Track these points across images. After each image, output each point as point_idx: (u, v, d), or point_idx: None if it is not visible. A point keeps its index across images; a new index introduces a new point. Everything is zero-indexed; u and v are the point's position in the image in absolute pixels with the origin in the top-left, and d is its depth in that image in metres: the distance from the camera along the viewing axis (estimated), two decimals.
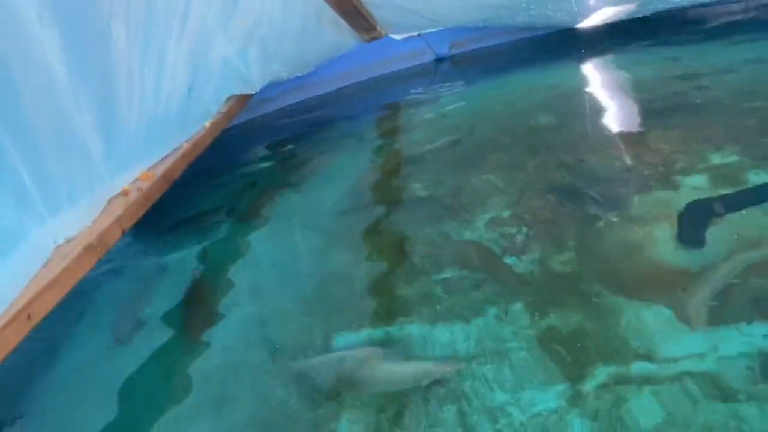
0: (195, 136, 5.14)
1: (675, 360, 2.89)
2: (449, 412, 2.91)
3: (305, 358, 3.54)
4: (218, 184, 6.37)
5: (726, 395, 2.65)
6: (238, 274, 4.61)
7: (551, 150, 5.20)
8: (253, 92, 6.39)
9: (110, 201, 3.97)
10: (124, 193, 4.12)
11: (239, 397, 3.38)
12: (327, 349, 3.53)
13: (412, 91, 8.22)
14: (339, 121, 7.73)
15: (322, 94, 9.06)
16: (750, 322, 3.01)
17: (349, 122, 7.63)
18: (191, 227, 5.54)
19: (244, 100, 6.28)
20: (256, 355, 3.67)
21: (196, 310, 4.26)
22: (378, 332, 3.55)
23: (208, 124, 5.43)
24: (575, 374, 2.94)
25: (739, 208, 3.83)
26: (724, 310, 3.12)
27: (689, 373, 2.79)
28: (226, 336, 3.92)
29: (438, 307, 3.65)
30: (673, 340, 3.01)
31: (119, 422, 3.42)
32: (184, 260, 4.97)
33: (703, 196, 4.02)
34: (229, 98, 6.00)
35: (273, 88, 7.30)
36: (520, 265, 3.82)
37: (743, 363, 2.78)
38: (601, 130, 5.42)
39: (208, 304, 4.27)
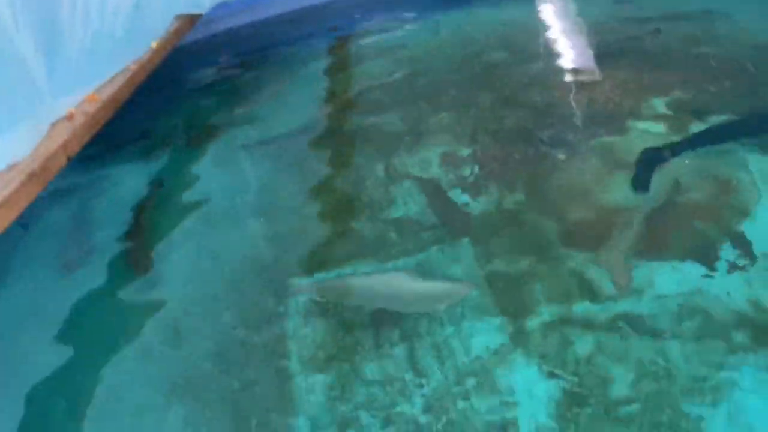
0: (142, 58, 4.89)
1: (614, 299, 3.13)
2: (400, 350, 3.08)
3: (256, 291, 3.61)
4: (166, 109, 6.15)
5: (655, 333, 2.91)
6: (186, 202, 4.55)
7: (504, 88, 5.24)
8: (202, 12, 6.08)
9: (54, 126, 3.79)
10: (69, 117, 3.93)
11: (193, 331, 3.43)
12: (283, 285, 3.60)
13: (365, 19, 8.01)
14: (290, 46, 7.48)
15: (272, 16, 8.71)
16: (683, 260, 3.27)
17: (300, 47, 7.38)
18: (138, 152, 5.37)
19: (192, 20, 5.97)
20: (208, 287, 3.71)
21: (143, 239, 4.21)
22: (330, 275, 3.62)
23: (155, 44, 5.16)
24: (520, 313, 3.14)
25: (684, 154, 4.03)
26: (662, 250, 3.36)
27: (626, 312, 3.04)
28: (176, 268, 3.92)
29: (388, 246, 3.74)
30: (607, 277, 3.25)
31: (67, 359, 3.40)
32: (130, 186, 4.85)
33: (650, 140, 4.18)
34: (177, 17, 5.69)
35: (222, 7, 6.96)
36: (470, 204, 3.94)
37: (674, 302, 3.05)
38: (554, 70, 5.48)
39: (155, 233, 4.23)
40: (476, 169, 4.23)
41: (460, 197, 3.99)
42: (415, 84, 5.66)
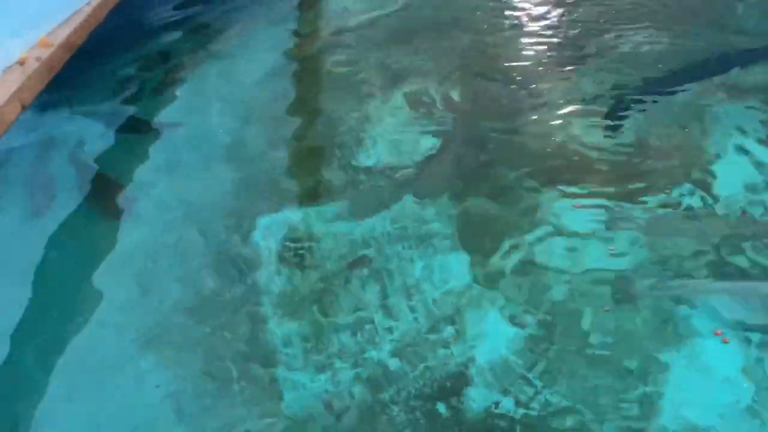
0: None
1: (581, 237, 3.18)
2: (372, 291, 3.10)
3: (225, 235, 3.58)
4: (126, 54, 5.88)
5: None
6: (154, 148, 4.42)
7: (482, 34, 5.11)
8: None
9: (6, 72, 3.63)
10: (21, 62, 3.76)
11: (163, 277, 3.40)
12: (249, 229, 3.57)
13: None
14: None
15: None
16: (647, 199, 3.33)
17: None
18: (102, 99, 5.17)
19: None
20: (177, 232, 3.66)
21: (110, 185, 4.11)
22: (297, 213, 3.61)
23: None
24: (490, 253, 3.19)
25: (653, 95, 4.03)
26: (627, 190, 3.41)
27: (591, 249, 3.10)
28: (144, 214, 3.84)
29: (360, 191, 3.72)
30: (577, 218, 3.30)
31: (36, 308, 3.34)
32: (95, 133, 4.69)
33: (618, 81, 4.17)
34: None
35: None
36: (441, 147, 3.92)
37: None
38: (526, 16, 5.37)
39: (123, 180, 4.13)
40: (448, 112, 4.19)
41: (431, 141, 3.95)
42: (391, 24, 5.44)
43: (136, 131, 4.65)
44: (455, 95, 4.37)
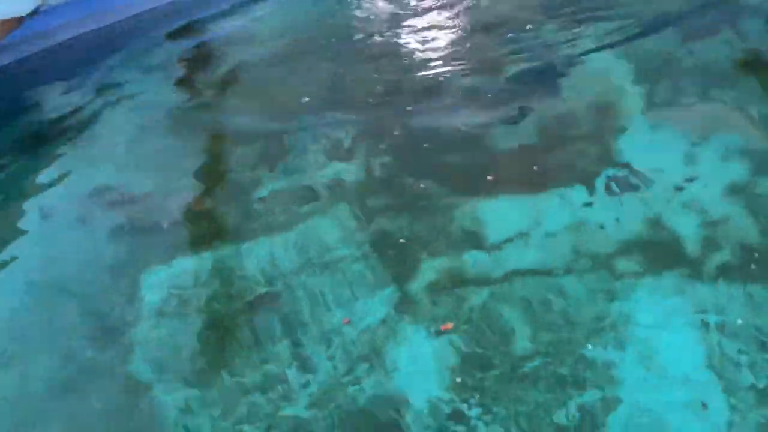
0: None
1: (500, 246, 3.00)
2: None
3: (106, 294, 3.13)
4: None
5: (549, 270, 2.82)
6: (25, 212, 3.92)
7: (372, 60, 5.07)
8: (23, 14, 5.38)
9: None
10: None
11: (32, 351, 2.89)
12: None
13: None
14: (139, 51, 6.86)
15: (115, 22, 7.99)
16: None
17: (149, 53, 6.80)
18: None
19: (9, 24, 5.27)
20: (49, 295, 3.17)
21: None
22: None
23: None
24: (407, 277, 2.94)
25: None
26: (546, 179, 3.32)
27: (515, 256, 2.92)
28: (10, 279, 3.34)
29: (260, 221, 3.42)
30: (499, 224, 3.13)
31: None
32: None
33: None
34: None
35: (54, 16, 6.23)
36: (345, 169, 3.73)
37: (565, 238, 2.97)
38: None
39: None
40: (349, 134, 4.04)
41: (335, 167, 3.76)
42: (281, 55, 5.34)
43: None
44: (355, 114, 4.24)
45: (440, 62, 4.68)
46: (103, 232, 3.54)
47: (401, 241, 3.13)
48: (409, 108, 4.18)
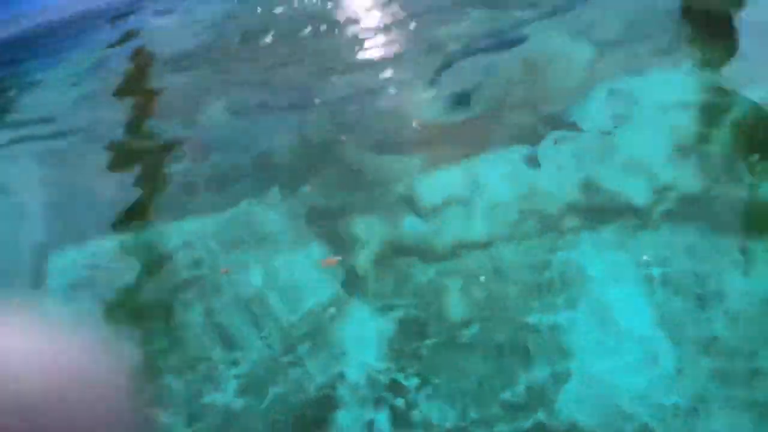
0: None
1: (436, 210, 2.80)
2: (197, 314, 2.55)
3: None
4: None
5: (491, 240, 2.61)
6: None
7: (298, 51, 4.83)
8: None
9: None
10: None
11: None
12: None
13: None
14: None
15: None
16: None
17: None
18: None
19: None
20: None
21: None
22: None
23: None
24: (348, 251, 2.72)
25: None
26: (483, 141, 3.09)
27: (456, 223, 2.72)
28: None
29: (191, 200, 3.21)
30: (435, 188, 2.92)
31: None
32: None
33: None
34: None
35: None
36: (278, 143, 3.50)
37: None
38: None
39: None
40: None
41: (272, 140, 3.54)
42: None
43: None
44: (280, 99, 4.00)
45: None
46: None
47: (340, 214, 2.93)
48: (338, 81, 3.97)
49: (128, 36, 5.48)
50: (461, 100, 3.41)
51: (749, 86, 2.82)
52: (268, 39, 4.71)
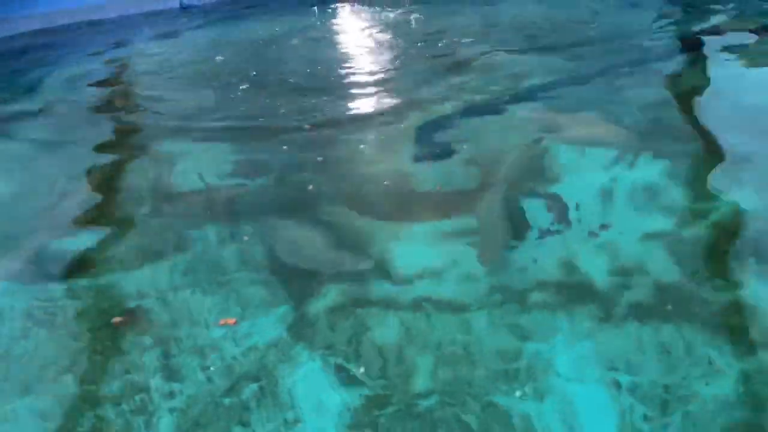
0: None
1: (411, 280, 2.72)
2: (150, 355, 2.40)
3: None
4: None
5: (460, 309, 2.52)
6: None
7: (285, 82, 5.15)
8: None
9: None
10: None
11: None
12: None
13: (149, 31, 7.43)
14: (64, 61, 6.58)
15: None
16: None
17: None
18: None
19: None
20: None
21: None
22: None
23: None
24: (303, 296, 2.63)
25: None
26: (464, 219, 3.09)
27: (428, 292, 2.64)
28: None
29: (149, 240, 3.12)
30: (407, 253, 2.88)
31: None
32: None
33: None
34: None
35: None
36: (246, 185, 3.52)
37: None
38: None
39: None
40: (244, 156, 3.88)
41: (233, 179, 3.58)
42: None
43: None
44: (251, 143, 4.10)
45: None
46: None
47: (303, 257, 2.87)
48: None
49: None
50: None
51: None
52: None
